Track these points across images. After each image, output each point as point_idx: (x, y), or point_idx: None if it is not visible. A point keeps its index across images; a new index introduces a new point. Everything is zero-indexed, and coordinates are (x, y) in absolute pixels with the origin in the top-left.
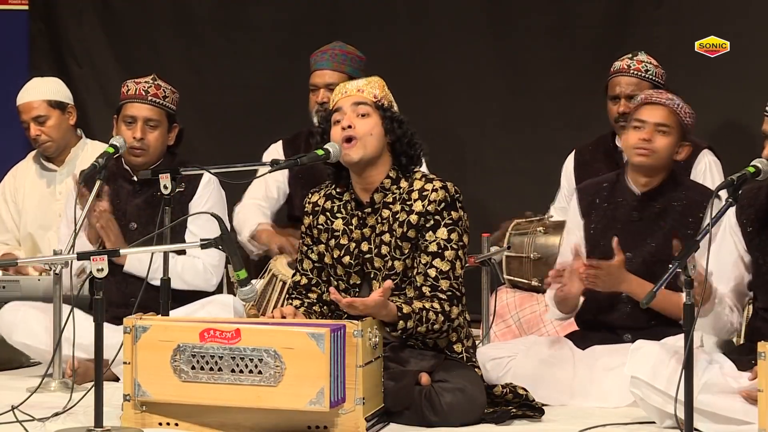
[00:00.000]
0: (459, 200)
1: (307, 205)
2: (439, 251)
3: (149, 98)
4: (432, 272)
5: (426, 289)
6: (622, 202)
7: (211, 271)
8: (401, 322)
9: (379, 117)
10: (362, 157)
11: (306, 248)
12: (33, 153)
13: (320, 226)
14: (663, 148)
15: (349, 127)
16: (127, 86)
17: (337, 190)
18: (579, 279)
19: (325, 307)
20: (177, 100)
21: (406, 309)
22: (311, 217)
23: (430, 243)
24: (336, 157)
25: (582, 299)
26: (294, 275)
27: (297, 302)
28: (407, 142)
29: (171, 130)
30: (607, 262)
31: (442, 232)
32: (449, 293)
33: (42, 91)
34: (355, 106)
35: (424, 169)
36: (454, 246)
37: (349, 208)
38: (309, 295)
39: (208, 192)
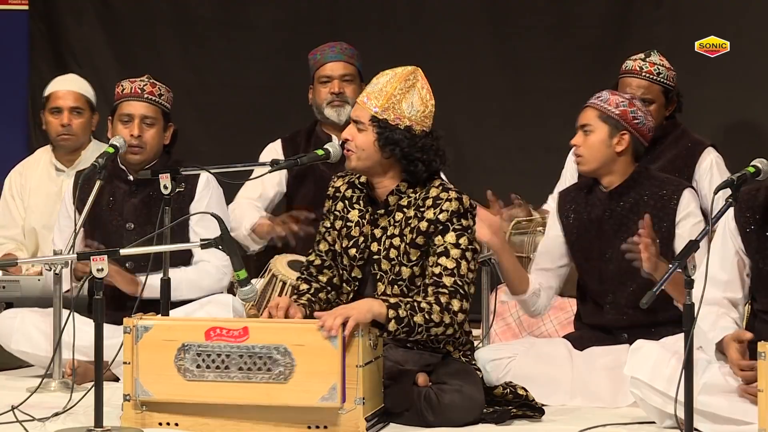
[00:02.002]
0: (471, 212)
1: (330, 188)
2: (446, 251)
3: (145, 96)
4: (437, 270)
5: (430, 289)
6: (595, 202)
7: (223, 271)
8: (391, 311)
9: (373, 133)
10: (356, 167)
11: (324, 230)
12: (43, 149)
13: (337, 213)
14: (590, 147)
15: (347, 140)
16: (122, 86)
17: (360, 180)
18: (488, 228)
19: (332, 293)
20: (171, 100)
21: (393, 299)
22: (331, 201)
23: (438, 246)
24: (336, 157)
25: (534, 286)
26: (309, 254)
27: (305, 286)
28: (402, 158)
29: (166, 129)
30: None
31: (451, 237)
32: (452, 288)
33: (84, 87)
34: (354, 121)
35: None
36: (462, 248)
37: (366, 201)
38: (319, 277)
39: (208, 193)
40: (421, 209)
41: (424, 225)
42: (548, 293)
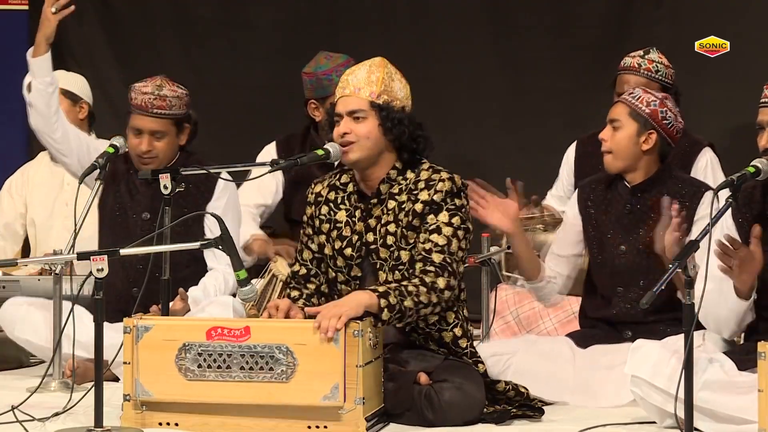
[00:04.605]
0: (463, 191)
1: (309, 195)
2: (438, 229)
3: (154, 111)
4: (427, 246)
5: (418, 265)
6: (616, 197)
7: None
8: (383, 300)
9: (376, 118)
10: (359, 158)
11: (306, 238)
12: (44, 153)
13: (322, 217)
14: (617, 143)
15: (346, 133)
16: (134, 94)
17: (341, 180)
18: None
19: (323, 299)
20: (186, 102)
21: (381, 288)
22: (313, 207)
23: (430, 224)
24: (336, 157)
25: (547, 273)
26: (293, 265)
27: (295, 293)
28: (408, 138)
29: (181, 132)
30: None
31: (444, 216)
32: (440, 265)
33: (65, 82)
34: (351, 114)
35: None
36: (455, 226)
37: (353, 199)
38: (308, 285)
39: (226, 194)
40: (414, 192)
41: (419, 207)
42: (561, 281)
